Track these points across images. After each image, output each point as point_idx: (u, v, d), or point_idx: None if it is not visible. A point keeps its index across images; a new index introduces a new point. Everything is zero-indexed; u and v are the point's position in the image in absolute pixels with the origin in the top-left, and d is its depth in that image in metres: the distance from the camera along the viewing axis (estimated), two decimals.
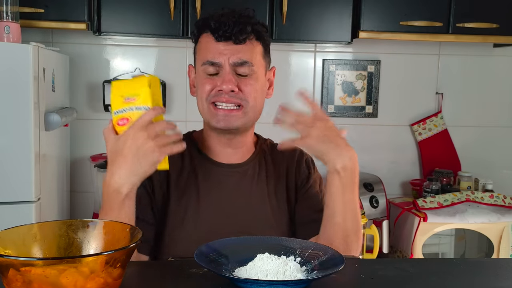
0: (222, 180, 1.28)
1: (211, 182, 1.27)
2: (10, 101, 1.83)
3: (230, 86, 1.21)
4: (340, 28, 2.42)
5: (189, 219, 1.24)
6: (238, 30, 1.20)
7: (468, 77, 2.83)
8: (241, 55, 1.22)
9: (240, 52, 1.22)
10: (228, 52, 1.21)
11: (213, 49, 1.22)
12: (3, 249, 0.77)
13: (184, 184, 1.26)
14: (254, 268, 0.91)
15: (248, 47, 1.23)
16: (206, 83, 1.23)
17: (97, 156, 2.53)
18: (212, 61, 1.22)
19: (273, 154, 1.35)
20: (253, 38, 1.24)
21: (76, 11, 2.23)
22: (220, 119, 1.23)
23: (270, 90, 1.34)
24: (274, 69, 1.35)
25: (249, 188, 1.28)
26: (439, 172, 2.68)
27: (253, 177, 1.29)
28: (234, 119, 1.23)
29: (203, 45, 1.25)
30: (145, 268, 0.99)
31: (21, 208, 1.86)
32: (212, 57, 1.22)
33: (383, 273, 0.98)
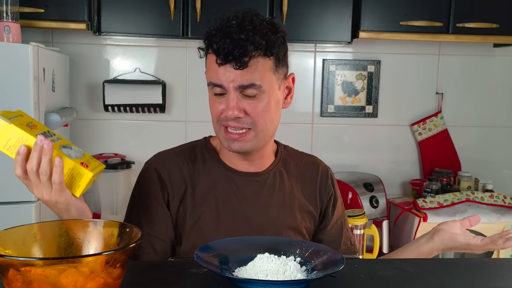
0: (241, 189, 1.25)
1: (230, 191, 1.25)
2: (10, 101, 1.83)
3: (236, 112, 1.14)
4: (340, 28, 2.42)
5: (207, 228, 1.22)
6: (239, 53, 1.10)
7: (468, 77, 2.83)
8: (246, 78, 1.13)
9: (244, 75, 1.12)
10: (231, 76, 1.13)
11: (216, 72, 1.14)
12: (3, 249, 0.77)
13: (202, 192, 1.24)
14: (254, 268, 0.91)
15: (253, 67, 1.13)
16: (216, 104, 1.18)
17: (97, 156, 2.53)
18: (215, 83, 1.15)
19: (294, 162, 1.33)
20: (259, 55, 1.13)
21: (76, 11, 2.23)
22: (231, 143, 1.19)
23: (289, 98, 1.26)
24: (293, 75, 1.25)
25: (269, 198, 1.26)
26: (439, 172, 2.68)
27: (272, 186, 1.27)
28: (244, 143, 1.19)
29: (209, 64, 1.18)
30: (145, 268, 0.99)
31: (21, 208, 1.86)
32: (215, 80, 1.15)
33: (383, 273, 0.98)
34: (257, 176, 1.27)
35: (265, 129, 1.20)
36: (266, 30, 1.13)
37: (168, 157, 1.28)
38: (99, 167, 1.06)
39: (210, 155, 1.28)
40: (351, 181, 2.51)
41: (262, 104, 1.16)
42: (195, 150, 1.30)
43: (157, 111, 2.58)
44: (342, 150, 2.79)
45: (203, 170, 1.26)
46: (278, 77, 1.19)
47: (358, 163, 2.80)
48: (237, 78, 1.13)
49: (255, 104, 1.16)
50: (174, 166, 1.26)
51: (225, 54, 1.10)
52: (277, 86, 1.19)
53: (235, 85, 1.13)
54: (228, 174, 1.26)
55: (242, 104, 1.15)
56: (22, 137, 0.99)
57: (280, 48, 1.17)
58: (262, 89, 1.15)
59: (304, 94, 2.74)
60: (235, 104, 1.14)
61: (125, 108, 2.54)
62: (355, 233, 2.37)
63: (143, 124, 2.63)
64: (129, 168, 2.42)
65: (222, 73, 1.13)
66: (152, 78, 2.60)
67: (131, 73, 2.60)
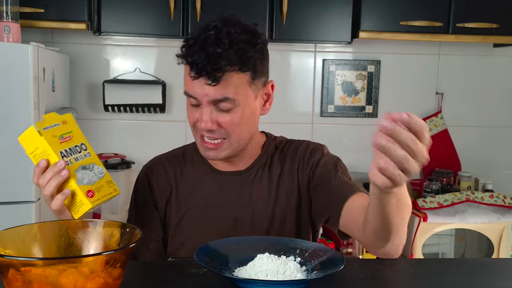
0: (224, 187, 1.26)
1: (213, 190, 1.26)
2: (10, 101, 1.83)
3: (209, 125, 1.14)
4: (340, 28, 2.42)
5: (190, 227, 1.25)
6: (212, 68, 1.08)
7: (468, 77, 2.83)
8: (219, 93, 1.11)
9: (217, 89, 1.11)
10: (205, 90, 1.11)
11: (191, 84, 1.13)
12: (3, 249, 0.77)
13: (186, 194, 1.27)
14: (254, 268, 0.91)
15: (226, 82, 1.10)
16: (192, 113, 1.18)
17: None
18: (190, 94, 1.15)
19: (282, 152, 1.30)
20: (234, 70, 1.10)
21: (76, 11, 2.23)
22: (207, 151, 1.20)
23: (267, 105, 1.23)
24: (272, 83, 1.23)
25: (249, 192, 1.26)
26: (439, 172, 2.68)
27: (255, 182, 1.27)
28: (219, 152, 1.19)
29: (185, 73, 1.16)
30: (145, 268, 0.99)
31: (21, 208, 1.87)
32: (191, 91, 1.14)
33: (383, 273, 0.98)
34: (240, 174, 1.27)
35: (240, 139, 1.20)
36: (242, 43, 1.11)
37: (159, 162, 1.33)
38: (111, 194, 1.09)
39: (198, 158, 1.30)
40: None
41: (236, 117, 1.15)
42: (185, 153, 1.33)
43: (157, 111, 2.58)
44: (342, 150, 2.77)
45: (190, 172, 1.29)
46: (255, 88, 1.17)
47: (358, 163, 2.79)
48: (210, 93, 1.11)
49: (229, 117, 1.15)
50: (162, 170, 1.31)
51: (198, 68, 1.09)
52: (254, 97, 1.18)
53: (209, 99, 1.12)
54: (212, 174, 1.28)
55: (216, 117, 1.14)
56: (47, 151, 1.03)
57: (257, 61, 1.14)
58: (236, 102, 1.13)
59: (304, 94, 2.74)
60: (208, 118, 1.14)
61: (125, 108, 2.54)
62: None
63: (143, 124, 2.63)
64: (129, 168, 2.42)
65: (196, 87, 1.12)
66: (152, 78, 2.60)
67: (131, 73, 2.60)
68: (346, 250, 2.40)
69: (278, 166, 1.28)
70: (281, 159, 1.29)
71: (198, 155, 1.29)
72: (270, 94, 1.23)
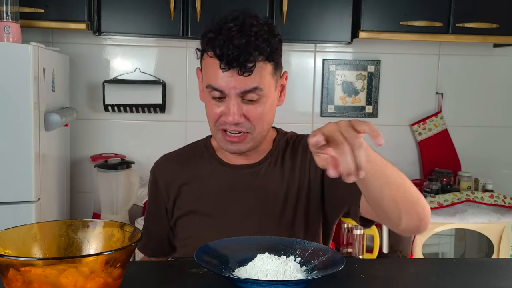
0: (234, 181, 1.26)
1: (223, 184, 1.26)
2: (10, 101, 1.83)
3: (236, 118, 1.14)
4: (340, 28, 2.42)
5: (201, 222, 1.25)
6: (244, 59, 1.09)
7: (468, 77, 2.83)
8: (248, 83, 1.12)
9: (247, 80, 1.12)
10: (234, 82, 1.11)
11: (218, 77, 1.12)
12: (3, 249, 0.77)
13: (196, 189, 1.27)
14: (254, 268, 0.91)
15: (256, 72, 1.12)
16: (213, 107, 1.17)
17: (97, 156, 2.53)
18: (215, 87, 1.14)
19: (294, 147, 1.31)
20: (262, 59, 1.13)
21: (76, 11, 2.23)
22: (230, 145, 1.19)
23: (282, 96, 1.26)
24: (286, 74, 1.25)
25: (261, 187, 1.25)
26: (439, 172, 2.68)
27: (266, 175, 1.26)
28: (243, 145, 1.19)
29: (208, 67, 1.16)
30: (145, 268, 0.99)
31: (21, 208, 1.86)
32: (216, 84, 1.13)
33: (383, 273, 0.98)
34: (251, 168, 1.27)
35: (262, 131, 1.21)
36: (266, 35, 1.13)
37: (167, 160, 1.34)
38: None
39: (208, 153, 1.31)
40: None
41: (261, 109, 1.16)
42: (195, 149, 1.33)
43: (157, 111, 2.58)
44: None
45: (199, 167, 1.29)
46: (276, 79, 1.20)
47: None
48: (240, 84, 1.12)
49: (255, 109, 1.16)
50: (170, 168, 1.31)
51: (230, 60, 1.09)
52: (274, 87, 1.20)
53: (237, 91, 1.12)
54: (222, 168, 1.28)
55: (242, 110, 1.15)
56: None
57: (279, 52, 1.18)
58: (262, 92, 1.15)
59: (304, 94, 2.74)
60: (236, 110, 1.14)
61: (125, 108, 2.54)
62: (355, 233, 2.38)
63: (143, 124, 2.63)
64: (129, 168, 2.41)
65: (224, 79, 1.12)
66: (152, 78, 2.60)
67: (131, 73, 2.60)
68: (346, 250, 2.40)
69: (290, 161, 1.28)
70: (292, 154, 1.29)
71: (208, 151, 1.30)
72: (284, 85, 1.26)
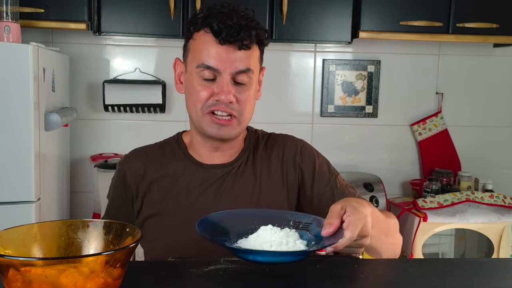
0: (205, 181, 1.23)
1: (193, 184, 1.23)
2: (10, 101, 1.84)
3: (230, 97, 1.13)
4: (340, 28, 2.42)
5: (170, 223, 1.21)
6: (244, 35, 1.11)
7: (468, 77, 2.83)
8: (244, 63, 1.13)
9: (242, 58, 1.13)
10: (231, 58, 1.12)
11: (213, 53, 1.12)
12: (3, 249, 0.77)
13: (165, 187, 1.23)
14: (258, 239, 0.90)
15: (250, 52, 1.14)
16: (202, 90, 1.15)
17: (97, 156, 2.53)
18: (209, 65, 1.12)
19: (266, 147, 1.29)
20: (255, 42, 1.16)
21: (76, 11, 2.23)
22: (217, 128, 1.17)
23: (259, 91, 1.26)
24: (264, 69, 1.26)
25: (231, 186, 1.23)
26: (439, 172, 2.68)
27: (237, 176, 1.24)
28: (229, 129, 1.17)
29: (201, 45, 1.14)
30: (145, 268, 0.99)
31: (21, 208, 1.87)
32: (210, 61, 1.12)
33: (383, 273, 0.98)
34: (223, 167, 1.25)
35: (246, 118, 1.20)
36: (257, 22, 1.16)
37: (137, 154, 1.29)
38: None
39: (179, 151, 1.27)
40: (351, 181, 2.51)
41: (248, 93, 1.17)
42: (165, 146, 1.30)
43: (157, 111, 2.58)
44: (342, 150, 2.79)
45: (169, 165, 1.26)
46: (260, 68, 1.22)
47: (358, 163, 2.80)
48: (237, 63, 1.12)
49: (244, 91, 1.16)
50: (140, 163, 1.26)
51: (230, 33, 1.10)
52: (258, 76, 1.22)
53: (232, 70, 1.12)
54: (193, 167, 1.25)
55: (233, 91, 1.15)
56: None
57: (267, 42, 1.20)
58: (252, 75, 1.16)
59: (304, 94, 2.74)
60: (230, 89, 1.13)
61: (125, 108, 2.54)
62: None
63: (143, 124, 2.63)
64: None
65: (221, 56, 1.12)
66: (152, 78, 2.60)
67: (131, 73, 2.60)
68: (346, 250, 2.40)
69: (263, 161, 1.27)
70: (266, 154, 1.28)
71: (180, 148, 1.27)
72: (261, 81, 1.26)
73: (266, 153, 1.28)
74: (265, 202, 1.23)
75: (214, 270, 0.92)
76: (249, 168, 1.26)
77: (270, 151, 1.28)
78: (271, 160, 1.27)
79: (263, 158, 1.27)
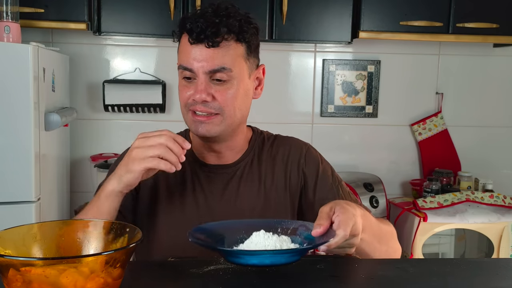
0: (208, 182, 1.23)
1: (196, 184, 1.23)
2: (10, 101, 1.84)
3: (203, 96, 1.13)
4: (340, 28, 2.42)
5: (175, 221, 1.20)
6: (211, 32, 1.11)
7: (468, 77, 2.83)
8: (216, 61, 1.12)
9: (214, 57, 1.12)
10: (202, 57, 1.12)
11: (187, 54, 1.14)
12: (3, 249, 0.77)
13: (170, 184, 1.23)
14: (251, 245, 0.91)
15: (225, 50, 1.13)
16: (184, 89, 1.17)
17: (97, 156, 2.53)
18: (185, 66, 1.15)
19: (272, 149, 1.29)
20: (232, 39, 1.14)
21: (76, 11, 2.23)
22: (198, 126, 1.17)
23: (259, 89, 1.25)
24: (263, 66, 1.25)
25: (236, 190, 1.23)
26: (439, 172, 2.68)
27: (241, 178, 1.24)
28: (212, 126, 1.16)
29: (181, 47, 1.18)
30: (145, 268, 0.99)
31: (21, 208, 1.87)
32: (186, 62, 1.14)
33: (383, 273, 0.98)
34: (226, 168, 1.24)
35: (233, 115, 1.18)
36: (240, 18, 1.15)
37: None
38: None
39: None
40: (351, 181, 2.51)
41: (230, 91, 1.15)
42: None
43: (157, 111, 2.58)
44: (342, 150, 2.79)
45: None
46: (249, 66, 1.19)
47: (358, 163, 2.80)
48: (208, 62, 1.12)
49: (224, 90, 1.15)
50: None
51: (198, 32, 1.11)
52: (248, 74, 1.19)
53: (205, 70, 1.13)
54: (197, 166, 1.24)
55: (211, 89, 1.14)
56: None
57: (252, 37, 1.18)
58: (231, 73, 1.14)
59: (304, 94, 2.74)
60: (203, 88, 1.13)
61: (125, 108, 2.54)
62: None
63: (143, 124, 2.63)
64: None
65: (193, 55, 1.13)
66: (152, 78, 2.60)
67: (131, 73, 2.60)
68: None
69: (268, 164, 1.27)
70: (271, 157, 1.28)
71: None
72: (261, 79, 1.25)
73: (271, 155, 1.28)
74: (269, 204, 1.23)
75: (214, 270, 0.92)
76: (255, 170, 1.25)
77: (275, 153, 1.28)
78: (276, 162, 1.27)
79: (268, 160, 1.27)
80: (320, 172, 1.28)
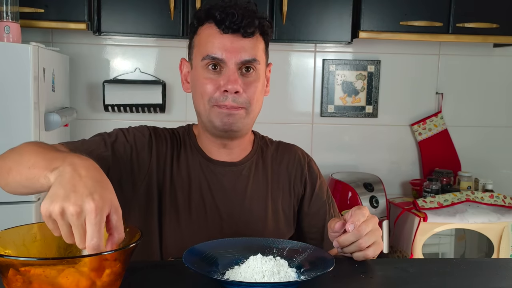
0: (216, 178, 1.21)
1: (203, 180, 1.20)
2: (10, 101, 1.84)
3: (236, 86, 1.10)
4: (340, 28, 2.42)
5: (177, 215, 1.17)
6: (247, 22, 1.09)
7: (468, 77, 2.83)
8: (249, 52, 1.11)
9: (247, 48, 1.11)
10: (235, 48, 1.10)
11: (218, 43, 1.10)
12: (3, 249, 0.77)
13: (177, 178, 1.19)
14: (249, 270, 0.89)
15: (254, 42, 1.13)
16: (208, 83, 1.12)
17: None
18: (214, 56, 1.10)
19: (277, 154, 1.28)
20: (258, 32, 1.14)
21: (76, 11, 2.23)
22: (224, 118, 1.13)
23: (267, 87, 1.25)
24: (271, 65, 1.25)
25: (243, 189, 1.22)
26: (439, 172, 2.68)
27: (247, 177, 1.23)
28: (237, 120, 1.14)
29: (205, 38, 1.13)
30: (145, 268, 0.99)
31: (21, 208, 1.87)
32: (215, 52, 1.10)
33: (383, 273, 0.98)
34: (233, 166, 1.22)
35: (255, 110, 1.17)
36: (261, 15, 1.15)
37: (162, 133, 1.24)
38: None
39: (190, 141, 1.24)
40: (351, 181, 2.51)
41: (255, 84, 1.14)
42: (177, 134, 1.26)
43: (157, 111, 2.58)
44: (342, 150, 2.79)
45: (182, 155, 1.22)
46: (266, 61, 1.20)
47: (358, 163, 2.80)
48: (241, 53, 1.10)
49: (251, 82, 1.13)
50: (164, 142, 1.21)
51: (233, 21, 1.09)
52: (265, 69, 1.20)
53: (238, 60, 1.10)
54: (204, 162, 1.21)
55: (241, 81, 1.12)
56: None
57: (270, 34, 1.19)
58: (259, 67, 1.14)
59: (304, 94, 2.74)
60: (237, 77, 1.10)
61: (125, 108, 2.54)
62: None
63: (143, 124, 2.62)
64: None
65: (225, 45, 1.10)
66: (152, 78, 2.60)
67: (131, 73, 2.60)
68: None
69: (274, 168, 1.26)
70: (276, 162, 1.27)
71: (191, 140, 1.24)
72: (269, 77, 1.25)
73: (276, 160, 1.28)
74: (277, 207, 1.23)
75: None
76: (260, 171, 1.25)
77: (281, 159, 1.28)
78: (281, 167, 1.27)
79: (273, 164, 1.27)
80: (317, 186, 1.29)
